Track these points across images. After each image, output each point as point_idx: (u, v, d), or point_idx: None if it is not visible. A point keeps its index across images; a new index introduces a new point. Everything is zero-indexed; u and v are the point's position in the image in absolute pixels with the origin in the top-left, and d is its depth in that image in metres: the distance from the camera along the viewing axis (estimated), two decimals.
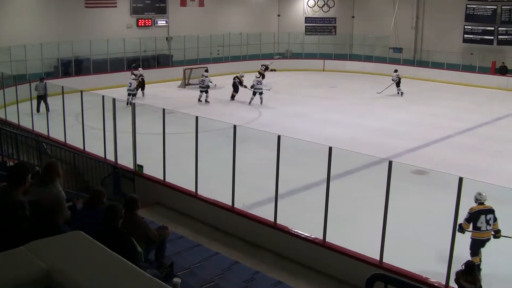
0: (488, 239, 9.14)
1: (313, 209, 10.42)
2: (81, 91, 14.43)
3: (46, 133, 15.56)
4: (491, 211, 9.04)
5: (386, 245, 8.35)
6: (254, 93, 24.17)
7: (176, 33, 32.92)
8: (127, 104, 21.33)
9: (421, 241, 10.39)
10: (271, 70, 31.80)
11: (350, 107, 24.45)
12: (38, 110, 20.11)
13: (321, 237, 9.15)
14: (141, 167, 12.42)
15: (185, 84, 29.08)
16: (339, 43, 38.21)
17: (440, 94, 28.45)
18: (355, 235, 10.43)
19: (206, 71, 27.18)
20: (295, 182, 12.97)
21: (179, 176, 12.14)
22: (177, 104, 22.43)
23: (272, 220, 9.84)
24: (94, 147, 13.86)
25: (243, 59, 35.14)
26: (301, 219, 10.83)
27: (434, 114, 22.84)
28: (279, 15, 39.43)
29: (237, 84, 25.45)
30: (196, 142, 11.05)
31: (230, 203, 10.56)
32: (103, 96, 13.34)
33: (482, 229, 9.02)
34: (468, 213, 8.99)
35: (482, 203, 9.12)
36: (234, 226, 10.46)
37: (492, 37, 32.12)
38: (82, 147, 14.09)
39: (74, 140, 14.60)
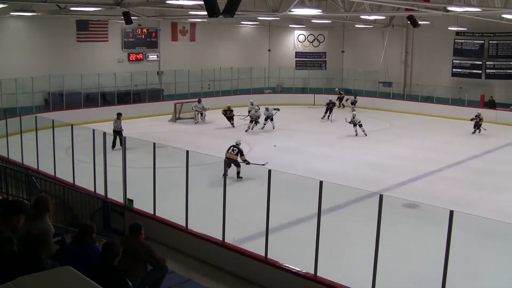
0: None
1: (304, 243, 10.36)
2: (72, 125, 14.41)
3: (36, 167, 15.47)
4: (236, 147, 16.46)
5: (378, 279, 8.28)
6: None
7: (167, 67, 33.09)
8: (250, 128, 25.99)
9: (413, 275, 10.33)
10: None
11: (340, 141, 24.52)
12: (113, 147, 20.17)
13: (312, 272, 9.08)
14: (131, 201, 12.33)
15: (176, 118, 29.13)
16: (329, 77, 38.58)
17: (430, 127, 28.68)
18: (346, 269, 10.37)
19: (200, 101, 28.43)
20: (286, 216, 12.91)
21: (169, 210, 12.08)
22: (168, 138, 22.44)
23: (263, 254, 9.78)
24: (84, 181, 13.78)
25: (233, 94, 35.27)
26: (292, 254, 10.78)
27: (424, 148, 22.96)
28: (269, 50, 39.77)
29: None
30: (187, 176, 11.01)
31: (220, 238, 10.49)
32: (93, 130, 13.32)
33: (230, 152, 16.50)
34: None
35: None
36: (224, 260, 10.37)
37: (480, 71, 32.57)
38: (72, 181, 14.00)
39: (64, 174, 14.50)
